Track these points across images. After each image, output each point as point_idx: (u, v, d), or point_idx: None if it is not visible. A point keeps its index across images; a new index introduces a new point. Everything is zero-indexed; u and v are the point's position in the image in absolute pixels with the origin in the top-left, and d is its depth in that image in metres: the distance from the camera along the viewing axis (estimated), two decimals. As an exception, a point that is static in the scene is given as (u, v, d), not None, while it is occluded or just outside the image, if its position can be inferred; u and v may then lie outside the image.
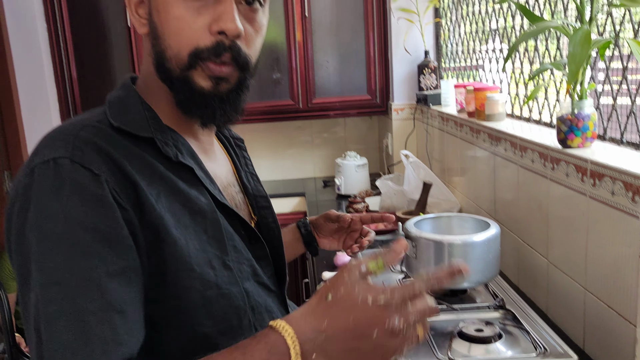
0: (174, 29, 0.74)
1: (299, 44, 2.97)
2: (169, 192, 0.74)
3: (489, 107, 1.86)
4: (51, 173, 0.67)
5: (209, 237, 0.75)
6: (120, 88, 0.82)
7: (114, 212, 0.67)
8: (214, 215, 0.77)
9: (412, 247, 1.28)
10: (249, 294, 0.78)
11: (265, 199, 0.93)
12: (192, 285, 0.72)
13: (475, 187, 2.02)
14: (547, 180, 1.41)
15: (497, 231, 1.27)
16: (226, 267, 0.76)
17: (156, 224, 0.70)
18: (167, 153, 0.76)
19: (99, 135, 0.72)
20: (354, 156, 2.97)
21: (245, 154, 0.99)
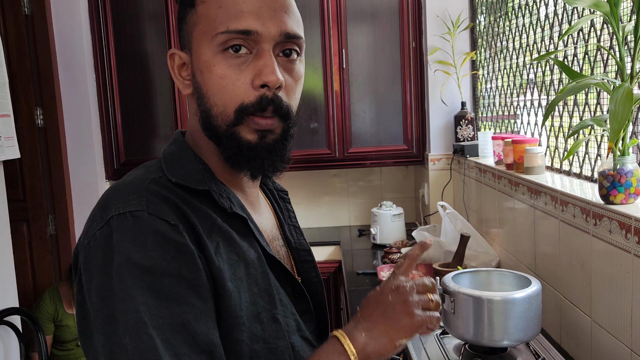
0: (218, 87, 0.77)
1: (336, 94, 3.02)
2: (226, 243, 0.76)
3: (528, 159, 1.85)
4: (130, 224, 0.69)
5: (260, 290, 0.76)
6: (173, 143, 0.85)
7: (195, 259, 0.70)
8: (264, 268, 0.78)
9: (450, 303, 1.26)
10: (294, 348, 0.78)
11: (308, 253, 0.93)
12: (242, 338, 0.72)
13: (514, 240, 1.99)
14: (589, 236, 1.38)
15: (539, 288, 1.24)
16: (274, 320, 0.76)
17: (216, 276, 0.72)
18: (222, 204, 0.78)
19: (164, 188, 0.75)
20: (390, 206, 2.97)
21: (289, 206, 1.00)
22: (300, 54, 0.81)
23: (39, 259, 2.96)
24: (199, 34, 0.78)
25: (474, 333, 1.24)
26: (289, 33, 0.77)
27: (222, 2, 0.76)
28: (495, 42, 2.52)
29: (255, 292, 0.76)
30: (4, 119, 2.08)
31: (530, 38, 2.08)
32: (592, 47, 1.59)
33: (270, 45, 0.76)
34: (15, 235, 2.91)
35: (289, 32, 0.77)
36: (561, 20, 1.80)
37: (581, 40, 1.66)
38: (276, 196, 0.99)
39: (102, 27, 2.99)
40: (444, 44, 2.82)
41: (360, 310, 0.79)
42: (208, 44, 0.77)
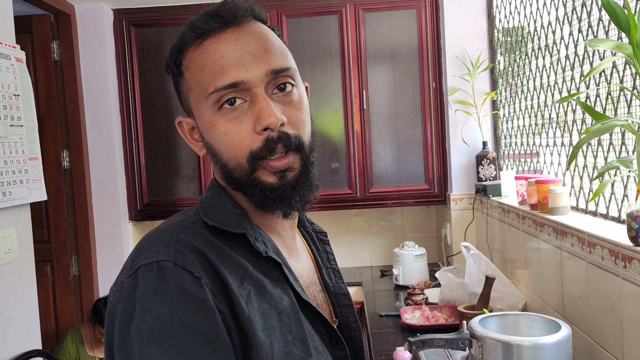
0: (225, 143, 0.78)
1: (357, 134, 3.04)
2: (257, 292, 0.75)
3: (553, 200, 1.83)
4: (155, 275, 0.70)
5: (293, 338, 0.75)
6: (210, 190, 0.85)
7: (214, 315, 0.69)
8: (297, 315, 0.77)
9: (478, 347, 1.23)
10: None
11: (347, 297, 0.92)
12: None
13: (540, 282, 1.95)
14: (619, 278, 1.35)
15: (569, 332, 1.21)
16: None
17: (246, 327, 0.71)
18: (257, 248, 0.77)
19: (196, 237, 0.75)
20: (412, 246, 2.94)
21: (328, 248, 0.99)
22: (295, 83, 0.81)
23: (61, 300, 2.98)
24: (194, 98, 0.80)
25: (503, 380, 1.21)
26: (275, 70, 0.77)
27: (204, 64, 0.77)
28: (515, 82, 2.53)
29: (289, 341, 0.74)
30: (33, 162, 2.12)
31: (551, 78, 2.09)
32: (614, 88, 1.58)
33: (261, 88, 0.77)
34: (39, 276, 2.93)
35: (275, 69, 0.77)
36: (582, 60, 1.80)
37: (603, 81, 1.66)
38: (314, 238, 0.98)
39: (127, 71, 3.08)
40: (464, 85, 2.84)
41: None
42: (204, 105, 0.78)
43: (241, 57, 0.76)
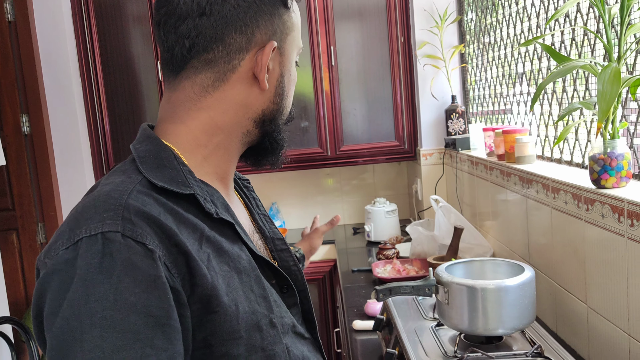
0: (292, 92, 0.86)
1: (326, 92, 3.01)
2: (216, 254, 0.71)
3: (519, 149, 1.83)
4: (99, 249, 0.63)
5: (256, 296, 0.73)
6: (146, 140, 0.79)
7: (166, 294, 0.63)
8: (256, 272, 0.75)
9: (444, 293, 1.24)
10: (289, 349, 0.75)
11: (283, 242, 0.91)
12: (239, 352, 0.69)
13: (507, 231, 1.98)
14: (582, 222, 1.37)
15: (532, 275, 1.22)
16: (272, 325, 0.73)
17: (208, 295, 0.67)
18: (208, 210, 0.74)
19: (146, 202, 0.68)
20: (384, 202, 2.95)
21: (254, 194, 0.97)
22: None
23: (30, 267, 2.93)
24: (291, 41, 0.83)
25: (468, 323, 1.22)
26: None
27: (297, 21, 0.84)
28: (483, 34, 2.51)
29: (253, 300, 0.72)
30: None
31: (518, 28, 2.07)
32: (578, 31, 1.57)
33: None
34: (5, 244, 2.88)
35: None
36: (547, 7, 1.79)
37: (568, 26, 1.65)
38: (241, 185, 0.97)
39: (86, 31, 2.97)
40: (432, 38, 2.81)
41: None
42: (293, 54, 0.84)
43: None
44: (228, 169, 0.82)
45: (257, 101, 0.80)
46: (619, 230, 1.20)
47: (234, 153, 0.82)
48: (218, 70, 0.77)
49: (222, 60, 0.77)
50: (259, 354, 0.70)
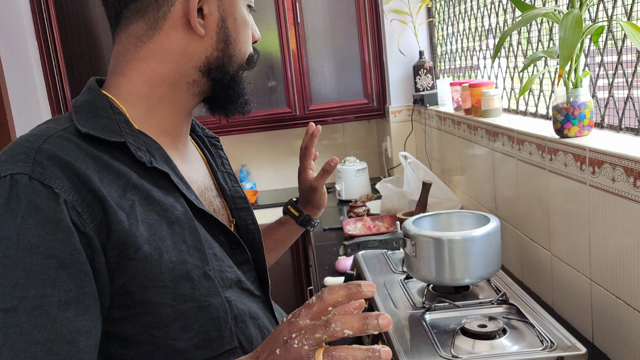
0: (245, 38, 0.83)
1: (292, 51, 2.96)
2: (143, 202, 0.71)
3: (485, 103, 1.84)
4: (6, 190, 0.63)
5: (188, 247, 0.72)
6: (86, 92, 0.78)
7: (70, 237, 0.64)
8: (192, 224, 0.74)
9: (411, 246, 1.25)
10: (230, 303, 0.75)
11: (244, 200, 0.90)
12: (164, 301, 0.69)
13: (475, 185, 2.00)
14: (545, 172, 1.38)
15: (497, 225, 1.24)
16: (207, 277, 0.73)
17: (124, 242, 0.67)
18: (140, 158, 0.73)
19: (64, 147, 0.68)
20: (354, 161, 2.95)
21: (222, 153, 0.96)
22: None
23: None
24: None
25: (436, 274, 1.23)
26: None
27: None
28: (450, -12, 2.48)
29: (184, 250, 0.72)
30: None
31: (483, -21, 2.05)
32: (543, -18, 1.56)
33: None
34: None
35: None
36: (512, -43, 1.76)
37: (532, -24, 1.64)
38: (207, 143, 0.95)
39: (42, -8, 2.85)
40: (398, -7, 2.77)
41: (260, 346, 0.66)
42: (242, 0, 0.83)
43: None
44: (176, 122, 0.81)
45: (198, 49, 0.78)
46: (581, 178, 1.21)
47: (182, 105, 0.80)
48: (149, 19, 0.76)
49: (151, 8, 0.76)
50: (189, 304, 0.70)
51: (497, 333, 1.06)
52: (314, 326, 0.59)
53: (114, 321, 0.67)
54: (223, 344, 0.73)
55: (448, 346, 1.04)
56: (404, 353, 1.03)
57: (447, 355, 1.02)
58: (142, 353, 0.69)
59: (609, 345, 1.20)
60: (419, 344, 1.07)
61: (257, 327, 0.79)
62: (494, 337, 1.06)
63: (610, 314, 1.17)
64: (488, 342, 1.05)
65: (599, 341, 1.24)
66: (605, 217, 1.14)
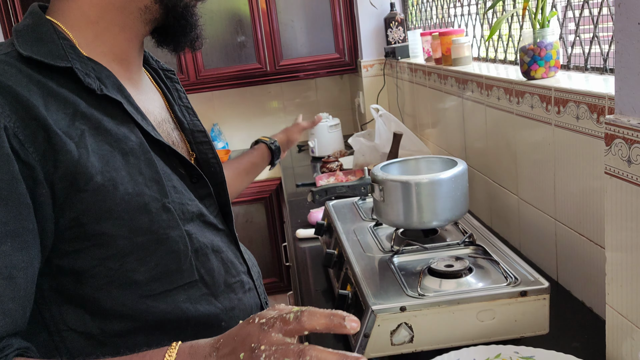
0: None
1: (261, 4, 2.89)
2: (94, 132, 0.67)
3: (455, 51, 1.82)
4: None
5: (145, 179, 0.70)
6: (28, 16, 0.74)
7: (8, 166, 0.60)
8: (148, 155, 0.72)
9: (379, 191, 1.25)
10: (191, 236, 0.74)
11: (204, 134, 0.88)
12: (120, 233, 0.67)
13: (446, 136, 2.00)
14: (513, 116, 1.38)
15: (464, 167, 1.24)
16: (166, 209, 0.71)
17: (73, 173, 0.64)
18: (89, 85, 0.69)
19: (4, 71, 0.64)
20: (326, 117, 2.93)
21: (179, 86, 0.93)
22: None
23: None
24: None
25: (404, 218, 1.23)
26: None
27: None
28: (420, -64, 2.43)
29: (140, 182, 0.69)
30: None
31: None
32: None
33: None
34: None
35: None
36: None
37: None
38: (162, 76, 0.92)
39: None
40: (368, -57, 2.71)
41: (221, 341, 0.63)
42: None
43: None
44: (128, 50, 0.77)
45: None
46: (547, 119, 1.21)
47: (134, 32, 0.76)
48: None
49: None
50: (146, 236, 0.68)
51: (463, 272, 1.07)
52: (287, 350, 0.57)
53: (66, 255, 0.65)
54: (182, 276, 0.72)
55: (415, 286, 1.05)
56: (372, 295, 1.04)
57: (414, 294, 1.03)
58: (97, 286, 0.67)
59: (573, 283, 1.22)
60: (387, 285, 1.08)
61: (219, 260, 0.78)
62: (460, 275, 1.07)
63: (574, 252, 1.19)
64: (454, 281, 1.06)
65: (563, 279, 1.26)
66: (569, 157, 1.15)
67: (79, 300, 0.67)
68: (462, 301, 1.00)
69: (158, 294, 0.70)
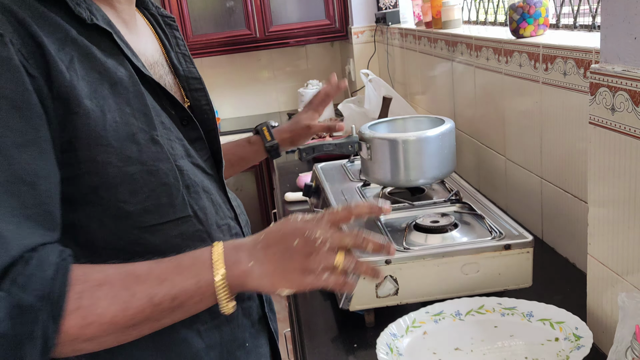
0: None
1: (251, -31, 2.85)
2: (83, 59, 0.67)
3: (445, 14, 1.81)
4: None
5: (133, 110, 0.69)
6: None
7: (21, 77, 0.60)
8: (137, 88, 0.71)
9: (366, 149, 1.25)
10: (182, 172, 0.74)
11: (199, 81, 0.87)
12: (109, 160, 0.66)
13: (436, 100, 2.00)
14: (501, 75, 1.38)
15: (452, 126, 1.24)
16: (154, 142, 0.70)
17: (66, 93, 0.64)
18: (79, 14, 0.68)
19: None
20: (316, 84, 2.91)
21: (177, 33, 0.92)
22: None
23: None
24: None
25: (391, 176, 1.24)
26: None
27: None
28: None
29: (128, 112, 0.69)
30: None
31: None
32: None
33: None
34: None
35: None
36: None
37: None
38: (161, 22, 0.91)
39: None
40: None
41: (265, 235, 0.72)
42: None
43: None
44: None
45: None
46: (535, 76, 1.21)
47: None
48: None
49: None
50: (136, 166, 0.68)
51: (448, 227, 1.08)
52: (342, 233, 0.70)
53: (60, 181, 0.65)
54: (175, 210, 0.72)
55: (401, 241, 1.05)
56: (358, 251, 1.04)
57: (399, 248, 1.03)
58: (90, 215, 0.68)
59: (557, 240, 1.23)
60: (373, 241, 1.09)
61: (210, 201, 0.79)
62: (445, 230, 1.08)
63: (559, 209, 1.20)
64: (440, 236, 1.07)
65: (548, 237, 1.27)
66: (556, 115, 1.15)
67: (71, 230, 0.67)
68: (446, 254, 1.01)
69: (150, 226, 0.70)
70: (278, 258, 0.69)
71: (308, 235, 0.69)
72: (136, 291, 0.63)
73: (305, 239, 0.69)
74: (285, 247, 0.69)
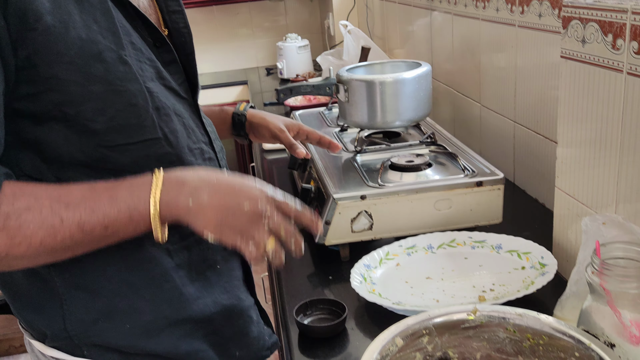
0: None
1: None
2: None
3: (425, -38, 1.80)
4: None
5: (100, 28, 0.68)
6: None
7: None
8: (105, 5, 0.69)
9: (344, 91, 1.26)
10: (152, 94, 0.73)
11: (177, 3, 0.86)
12: (72, 78, 0.65)
13: (414, 51, 2.00)
14: (479, 21, 1.39)
15: (428, 69, 1.25)
16: (122, 61, 0.69)
17: (24, 9, 0.62)
18: None
19: None
20: (295, 38, 2.89)
21: None
22: None
23: None
24: None
25: (368, 118, 1.25)
26: None
27: None
28: None
29: (94, 30, 0.67)
30: None
31: None
32: None
33: None
34: None
35: None
36: None
37: None
38: None
39: None
40: None
41: (218, 180, 0.72)
42: None
43: None
44: None
45: None
46: (511, 20, 1.22)
47: None
48: None
49: None
50: (102, 86, 0.67)
51: (422, 166, 1.10)
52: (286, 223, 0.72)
53: (22, 98, 0.65)
54: (144, 132, 0.72)
55: (376, 178, 1.07)
56: (334, 188, 1.06)
57: (374, 185, 1.05)
58: (55, 130, 0.67)
59: (528, 182, 1.27)
60: (349, 179, 1.11)
61: (182, 124, 0.78)
62: (419, 169, 1.10)
63: (530, 151, 1.23)
64: (414, 174, 1.09)
65: (519, 180, 1.31)
66: (531, 58, 1.17)
67: (35, 145, 0.67)
68: (420, 190, 1.03)
69: (117, 145, 0.70)
70: (223, 209, 0.70)
71: (261, 207, 0.70)
72: (65, 217, 0.64)
73: (256, 208, 0.70)
74: (236, 203, 0.70)
